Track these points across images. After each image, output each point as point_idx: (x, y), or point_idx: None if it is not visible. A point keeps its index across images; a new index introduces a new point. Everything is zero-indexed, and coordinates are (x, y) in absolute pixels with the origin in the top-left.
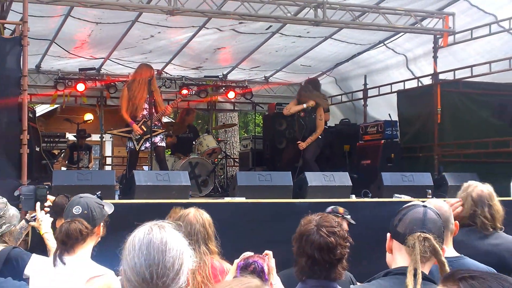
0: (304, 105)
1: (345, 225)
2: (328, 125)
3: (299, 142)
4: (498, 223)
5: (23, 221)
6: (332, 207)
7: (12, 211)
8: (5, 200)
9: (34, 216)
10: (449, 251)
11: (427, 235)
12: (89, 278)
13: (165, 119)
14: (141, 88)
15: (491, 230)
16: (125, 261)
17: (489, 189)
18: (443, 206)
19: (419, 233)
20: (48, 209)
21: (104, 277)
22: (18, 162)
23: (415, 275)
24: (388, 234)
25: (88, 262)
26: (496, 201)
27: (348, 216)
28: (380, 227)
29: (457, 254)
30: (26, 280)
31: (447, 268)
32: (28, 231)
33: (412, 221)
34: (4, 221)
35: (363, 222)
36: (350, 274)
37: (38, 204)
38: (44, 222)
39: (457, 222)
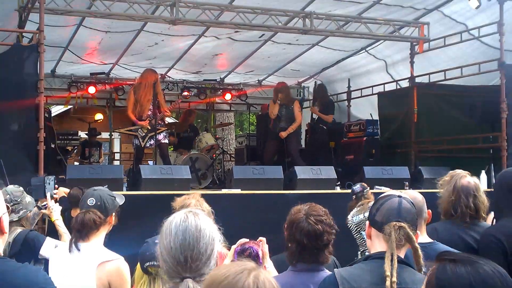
0: (278, 101)
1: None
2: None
3: (281, 132)
4: (483, 213)
5: (35, 208)
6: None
7: (28, 198)
8: (21, 188)
9: (45, 205)
10: (422, 237)
11: (402, 224)
12: (100, 262)
13: (169, 120)
14: (146, 90)
15: (469, 220)
16: (162, 244)
17: (475, 180)
18: (417, 197)
19: (394, 222)
20: (57, 197)
21: (114, 261)
22: (35, 158)
23: (392, 260)
24: (367, 222)
25: (101, 248)
26: (482, 192)
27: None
28: None
29: (430, 240)
30: (41, 259)
31: (420, 253)
32: (45, 220)
33: (388, 211)
34: (21, 207)
35: (347, 211)
36: (334, 258)
37: (48, 194)
38: (54, 210)
39: (429, 210)
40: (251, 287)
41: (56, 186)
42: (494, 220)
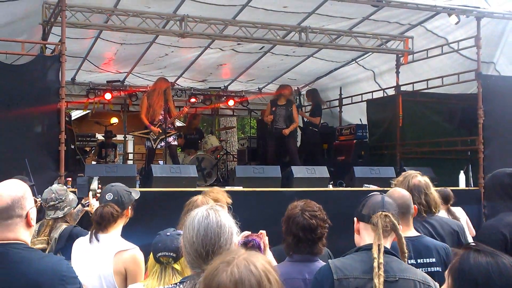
0: (283, 96)
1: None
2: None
3: (284, 130)
4: (434, 209)
5: (79, 205)
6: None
7: (71, 196)
8: (65, 187)
9: (88, 202)
10: (410, 232)
11: (387, 213)
12: (117, 251)
13: (177, 123)
14: (159, 97)
15: (424, 215)
16: (185, 238)
17: (426, 179)
18: (405, 194)
19: (380, 212)
20: (99, 195)
21: (130, 250)
22: (57, 157)
23: (379, 246)
24: (355, 219)
25: (118, 239)
26: (433, 190)
27: None
28: (352, 211)
29: (418, 234)
30: None
31: (404, 240)
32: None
33: (373, 205)
34: (65, 204)
35: (339, 207)
36: (328, 250)
37: (90, 193)
38: (95, 206)
39: (416, 206)
40: (224, 281)
41: (99, 185)
42: (486, 216)
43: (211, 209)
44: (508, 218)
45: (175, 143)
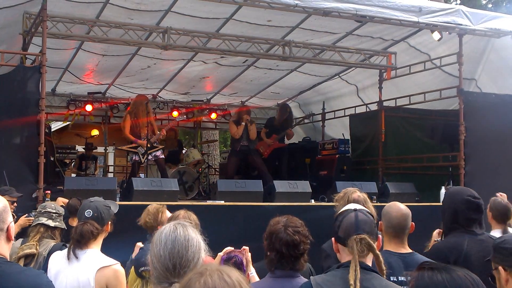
0: (244, 123)
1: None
2: (291, 141)
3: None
4: None
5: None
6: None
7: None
8: (62, 209)
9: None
10: (404, 248)
11: (362, 236)
12: (99, 268)
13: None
14: (142, 114)
15: None
16: (152, 252)
17: (364, 195)
18: (405, 213)
19: (355, 236)
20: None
21: (112, 266)
22: (36, 170)
23: (355, 271)
24: (333, 238)
25: (99, 255)
26: (370, 205)
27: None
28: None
29: (410, 251)
30: None
31: (381, 259)
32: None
33: (347, 226)
34: (59, 219)
35: (320, 222)
36: (309, 265)
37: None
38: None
39: (413, 223)
40: None
41: (62, 200)
42: (443, 235)
43: (179, 224)
44: (457, 240)
45: (163, 156)
